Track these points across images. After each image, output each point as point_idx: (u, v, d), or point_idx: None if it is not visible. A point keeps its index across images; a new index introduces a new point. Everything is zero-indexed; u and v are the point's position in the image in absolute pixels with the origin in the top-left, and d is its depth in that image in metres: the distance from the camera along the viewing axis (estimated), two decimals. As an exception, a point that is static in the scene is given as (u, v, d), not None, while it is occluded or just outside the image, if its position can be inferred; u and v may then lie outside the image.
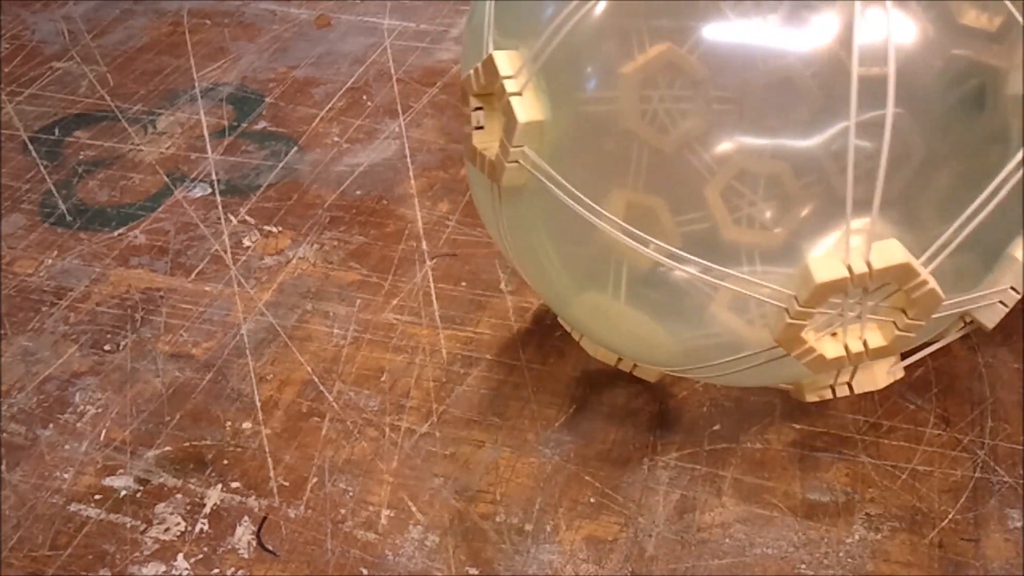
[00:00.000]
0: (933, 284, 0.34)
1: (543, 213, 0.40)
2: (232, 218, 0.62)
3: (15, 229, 0.63)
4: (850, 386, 0.42)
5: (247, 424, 0.49)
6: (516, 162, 0.37)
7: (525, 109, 0.37)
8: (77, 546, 0.44)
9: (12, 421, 0.50)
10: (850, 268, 0.33)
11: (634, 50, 0.35)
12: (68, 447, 0.49)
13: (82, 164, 0.68)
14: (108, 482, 0.47)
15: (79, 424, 0.50)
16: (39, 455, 0.48)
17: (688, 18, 0.34)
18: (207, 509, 0.46)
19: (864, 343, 0.36)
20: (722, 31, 0.34)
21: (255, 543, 0.44)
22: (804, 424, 0.47)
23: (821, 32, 0.33)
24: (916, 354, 0.43)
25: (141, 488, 0.47)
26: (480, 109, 0.39)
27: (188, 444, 0.49)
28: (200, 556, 0.44)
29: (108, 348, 0.54)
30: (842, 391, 0.43)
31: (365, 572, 0.43)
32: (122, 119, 0.72)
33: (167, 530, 0.45)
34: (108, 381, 0.52)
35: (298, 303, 0.56)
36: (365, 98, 0.73)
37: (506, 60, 0.37)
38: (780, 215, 0.35)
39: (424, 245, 0.59)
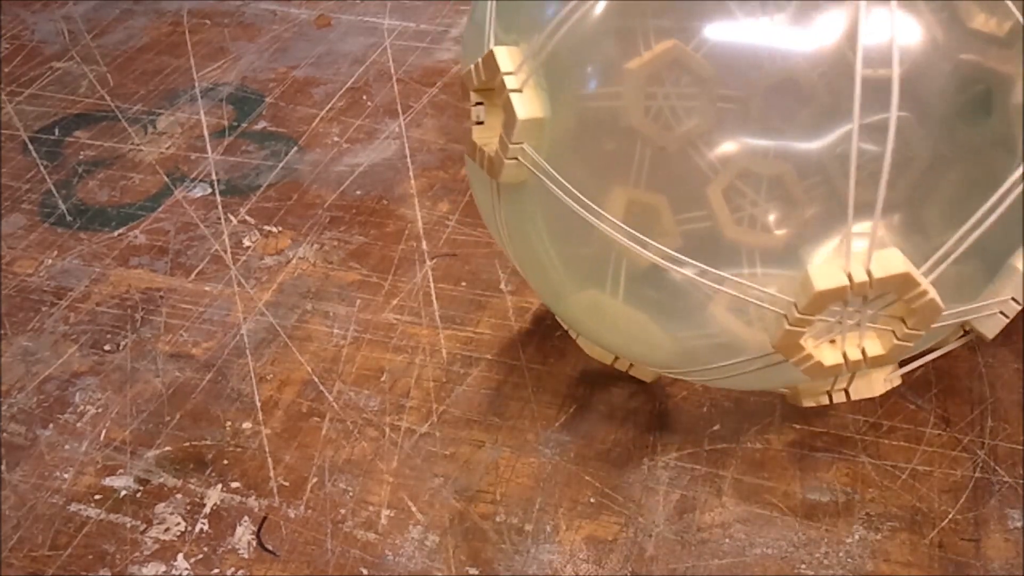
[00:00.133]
0: (933, 294, 0.34)
1: (542, 210, 0.40)
2: (232, 218, 0.62)
3: (15, 229, 0.63)
4: (847, 393, 0.42)
5: (247, 424, 0.49)
6: (515, 159, 0.37)
7: (525, 106, 0.36)
8: (77, 546, 0.44)
9: (12, 421, 0.50)
10: (850, 276, 0.33)
11: (639, 47, 0.35)
12: (68, 447, 0.49)
13: (82, 164, 0.68)
14: (108, 482, 0.47)
15: (79, 424, 0.50)
16: (39, 455, 0.48)
17: (694, 16, 0.34)
18: (207, 509, 0.46)
19: (862, 351, 0.36)
20: (728, 30, 0.34)
21: (255, 543, 0.44)
22: (804, 424, 0.47)
23: (828, 33, 0.33)
24: (914, 361, 0.43)
25: (141, 488, 0.47)
26: (480, 105, 0.39)
27: (188, 444, 0.48)
28: (200, 556, 0.44)
29: (108, 348, 0.54)
30: (839, 397, 0.43)
31: (365, 572, 0.43)
32: (122, 119, 0.72)
33: (167, 530, 0.45)
34: (108, 381, 0.52)
35: (298, 303, 0.56)
36: (365, 98, 0.73)
37: (507, 56, 0.37)
38: (783, 217, 0.35)
39: (424, 245, 0.59)
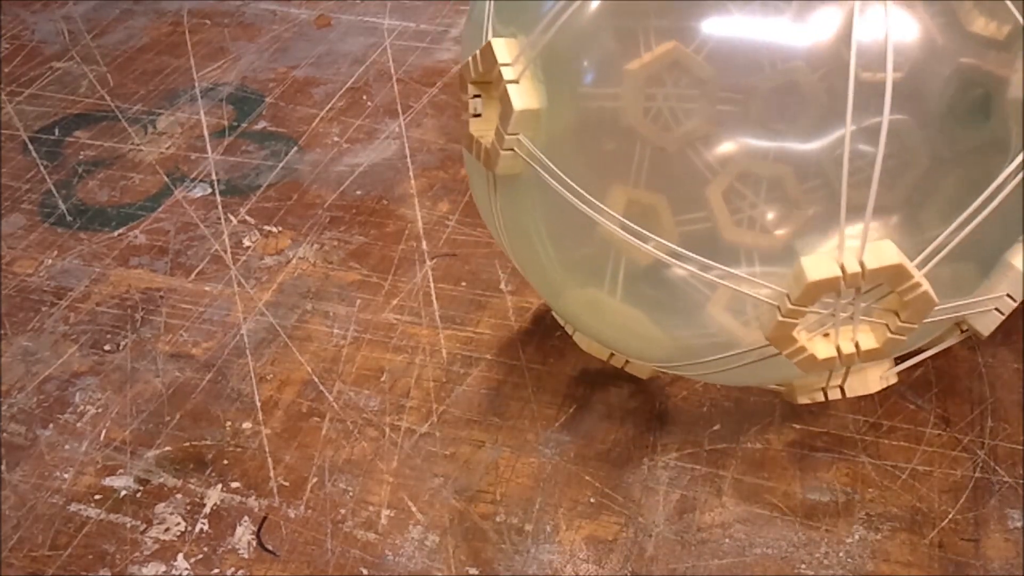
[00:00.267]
0: (926, 287, 0.34)
1: (538, 205, 0.40)
2: (232, 218, 0.62)
3: (15, 229, 0.63)
4: (842, 389, 0.42)
5: (247, 424, 0.49)
6: (511, 150, 0.37)
7: (521, 97, 0.36)
8: (77, 546, 0.44)
9: (12, 421, 0.50)
10: (843, 267, 0.33)
11: (639, 47, 0.35)
12: (68, 447, 0.49)
13: (82, 164, 0.68)
14: (108, 482, 0.47)
15: (79, 424, 0.50)
16: (39, 455, 0.48)
17: (694, 17, 0.34)
18: (207, 509, 0.46)
19: (856, 344, 0.36)
20: (728, 31, 0.34)
21: (255, 543, 0.44)
22: (804, 424, 0.47)
23: (827, 35, 0.33)
24: (911, 359, 0.43)
25: (141, 488, 0.47)
26: (478, 97, 0.39)
27: (188, 444, 0.49)
28: (200, 556, 0.44)
29: (108, 348, 0.54)
30: (834, 394, 0.42)
31: (365, 572, 0.43)
32: (122, 119, 0.72)
33: (167, 530, 0.45)
34: (108, 381, 0.52)
35: (298, 303, 0.56)
36: (365, 98, 0.73)
37: (504, 47, 0.37)
38: (781, 218, 0.35)
39: (424, 245, 0.59)
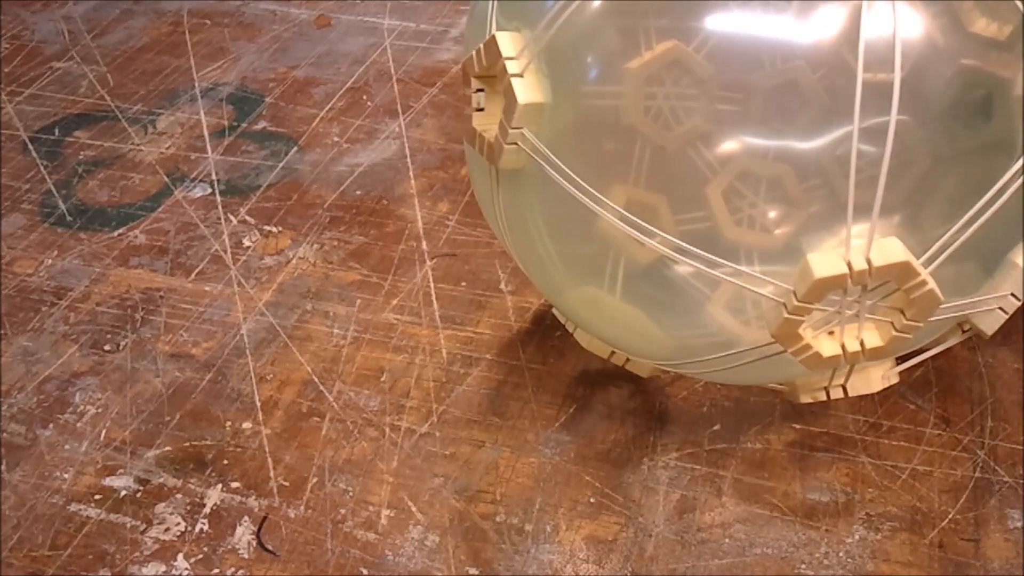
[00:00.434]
0: (932, 285, 0.34)
1: (540, 201, 0.40)
2: (232, 218, 0.62)
3: (15, 229, 0.63)
4: (844, 389, 0.42)
5: (247, 424, 0.49)
6: (515, 144, 0.37)
7: (526, 90, 0.36)
8: (77, 546, 0.44)
9: (12, 421, 0.50)
10: (850, 264, 0.33)
11: (640, 46, 0.35)
12: (68, 447, 0.49)
13: (82, 164, 0.68)
14: (108, 482, 0.47)
15: (79, 424, 0.50)
16: (39, 455, 0.48)
17: (695, 16, 0.34)
18: (207, 509, 0.46)
19: (861, 343, 0.36)
20: (729, 30, 0.34)
21: (255, 543, 0.44)
22: (804, 424, 0.47)
23: (829, 34, 0.33)
24: (913, 359, 0.43)
25: (141, 488, 0.47)
26: (481, 91, 0.39)
27: (188, 444, 0.48)
28: (200, 556, 0.44)
29: (108, 348, 0.54)
30: (836, 393, 0.42)
31: (365, 572, 0.43)
32: (122, 119, 0.72)
33: (167, 530, 0.45)
34: (108, 381, 0.52)
35: (298, 303, 0.56)
36: (365, 98, 0.73)
37: (508, 41, 0.37)
38: (781, 217, 0.35)
39: (424, 245, 0.59)
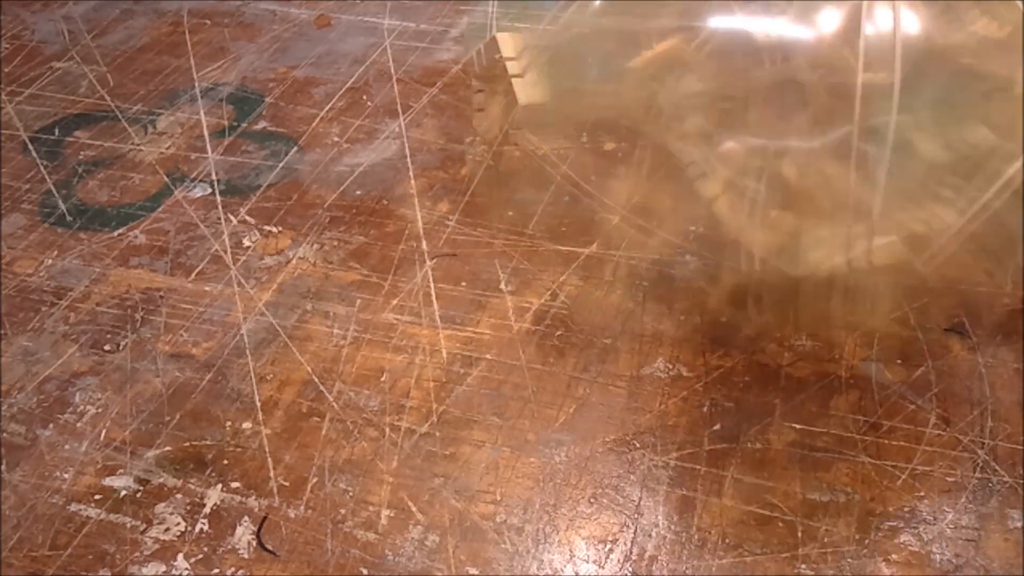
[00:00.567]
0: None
1: None
2: (232, 218, 0.62)
3: (15, 229, 0.63)
4: None
5: (247, 424, 0.49)
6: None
7: (525, 91, 0.37)
8: (77, 546, 0.44)
9: (12, 421, 0.50)
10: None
11: (641, 45, 0.35)
12: (68, 447, 0.49)
13: (82, 164, 0.68)
14: (108, 482, 0.47)
15: (79, 424, 0.50)
16: (39, 455, 0.48)
17: (697, 16, 0.34)
18: (207, 509, 0.46)
19: None
20: (730, 29, 0.34)
21: (255, 543, 0.44)
22: (804, 424, 0.47)
23: (829, 34, 0.33)
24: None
25: (141, 488, 0.47)
26: (482, 92, 0.39)
27: (188, 444, 0.48)
28: (200, 556, 0.44)
29: (108, 348, 0.54)
30: None
31: (365, 572, 0.43)
32: (122, 119, 0.72)
33: (167, 530, 0.45)
34: (108, 381, 0.52)
35: (298, 303, 0.56)
36: (365, 98, 0.73)
37: (509, 41, 0.37)
38: (782, 214, 0.35)
39: (424, 245, 0.59)
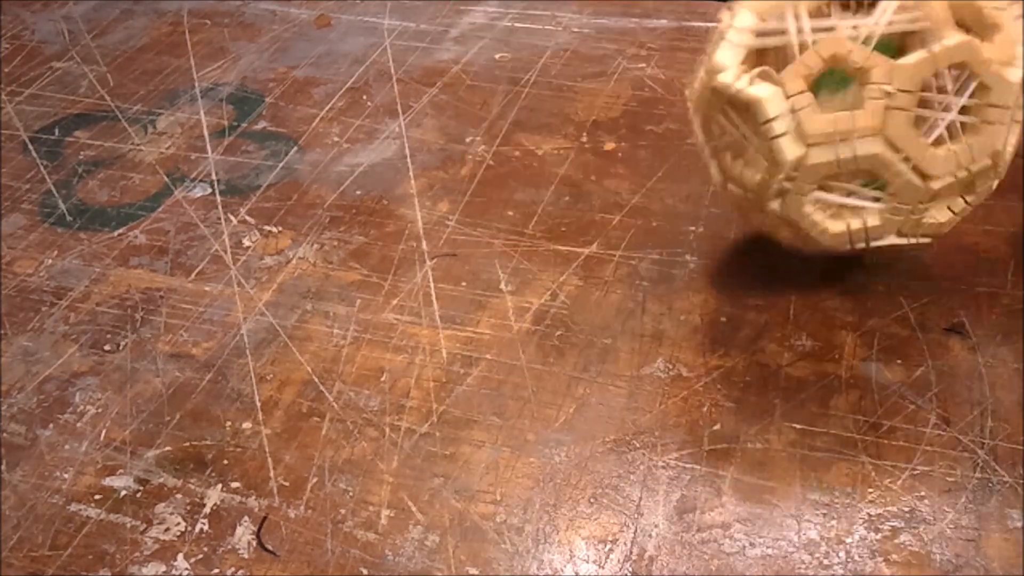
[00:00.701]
0: None
1: None
2: (232, 218, 0.62)
3: (15, 229, 0.63)
4: None
5: (247, 424, 0.49)
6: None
7: (790, 148, 0.43)
8: (77, 546, 0.44)
9: (12, 421, 0.50)
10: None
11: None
12: (68, 447, 0.49)
13: (82, 164, 0.68)
14: (108, 482, 0.47)
15: (79, 424, 0.50)
16: (39, 455, 0.48)
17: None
18: (207, 509, 0.46)
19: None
20: None
21: (255, 543, 0.44)
22: (804, 424, 0.47)
23: None
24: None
25: (141, 488, 0.47)
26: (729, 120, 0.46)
27: (188, 444, 0.49)
28: (200, 556, 0.44)
29: (108, 348, 0.54)
30: None
31: (365, 572, 0.43)
32: (122, 119, 0.72)
33: (167, 530, 0.45)
34: (108, 381, 0.52)
35: (298, 303, 0.56)
36: (365, 98, 0.73)
37: (774, 101, 0.43)
38: None
39: (424, 245, 0.59)
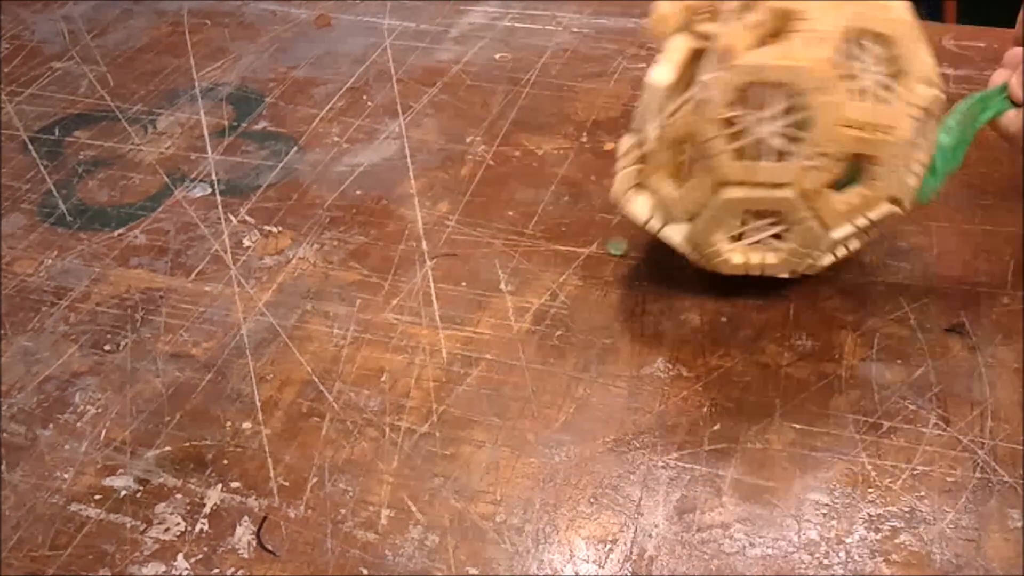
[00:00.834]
0: None
1: None
2: (232, 218, 0.62)
3: (15, 229, 0.63)
4: None
5: (247, 424, 0.49)
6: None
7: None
8: (77, 546, 0.44)
9: (12, 421, 0.50)
10: None
11: None
12: (68, 447, 0.49)
13: (82, 164, 0.68)
14: (108, 482, 0.47)
15: (79, 424, 0.50)
16: (39, 455, 0.48)
17: None
18: (207, 509, 0.46)
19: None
20: None
21: (255, 543, 0.44)
22: (804, 424, 0.47)
23: None
24: None
25: (141, 488, 0.47)
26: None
27: (188, 444, 0.49)
28: (200, 556, 0.44)
29: (108, 348, 0.54)
30: None
31: (365, 572, 0.43)
32: (122, 119, 0.72)
33: (167, 530, 0.45)
34: (108, 381, 0.52)
35: (298, 303, 0.56)
36: (365, 98, 0.73)
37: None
38: None
39: (424, 245, 0.59)
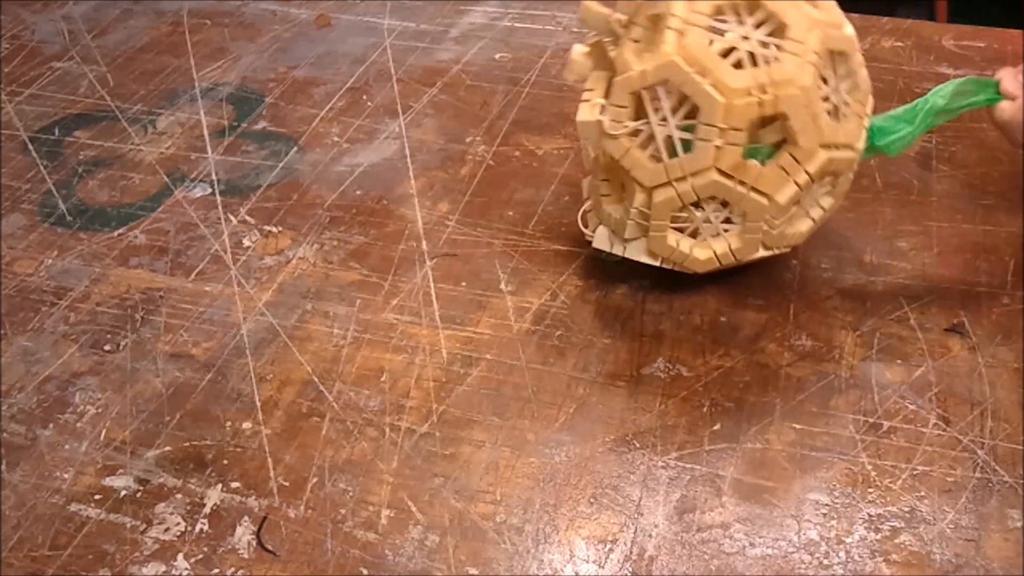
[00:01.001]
0: None
1: None
2: (232, 218, 0.62)
3: (15, 229, 0.63)
4: None
5: (247, 424, 0.49)
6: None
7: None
8: (77, 546, 0.44)
9: (12, 421, 0.50)
10: None
11: None
12: (68, 447, 0.49)
13: (82, 164, 0.68)
14: (108, 482, 0.47)
15: (79, 424, 0.50)
16: (39, 455, 0.48)
17: None
18: (207, 509, 0.46)
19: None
20: None
21: (255, 543, 0.44)
22: (804, 424, 0.47)
23: None
24: None
25: (141, 488, 0.47)
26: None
27: (188, 444, 0.48)
28: (200, 556, 0.44)
29: (108, 348, 0.54)
30: None
31: (365, 572, 0.43)
32: (122, 119, 0.72)
33: (167, 530, 0.45)
34: (108, 381, 0.52)
35: (298, 303, 0.56)
36: (365, 98, 0.73)
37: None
38: None
39: (424, 245, 0.59)
